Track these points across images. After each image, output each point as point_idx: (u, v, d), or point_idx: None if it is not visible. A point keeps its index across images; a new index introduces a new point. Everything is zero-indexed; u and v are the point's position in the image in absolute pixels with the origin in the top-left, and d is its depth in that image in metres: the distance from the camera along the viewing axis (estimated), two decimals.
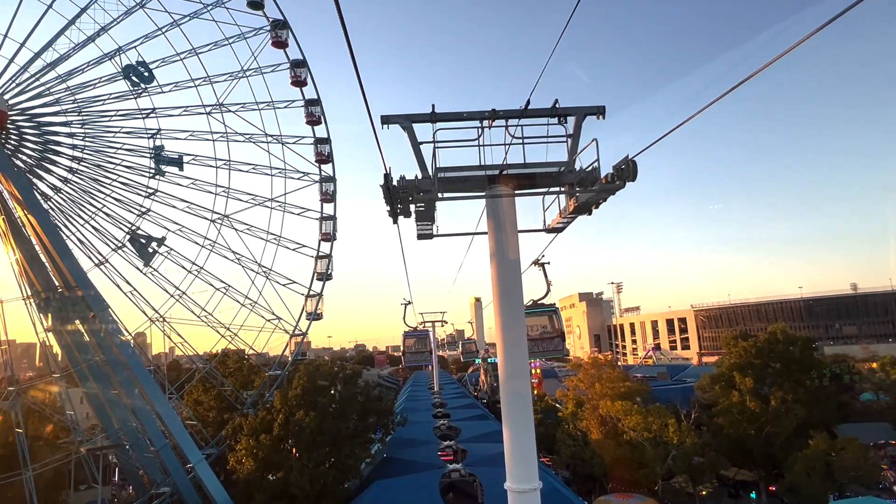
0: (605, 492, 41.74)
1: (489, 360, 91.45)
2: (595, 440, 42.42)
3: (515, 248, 11.55)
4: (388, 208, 11.74)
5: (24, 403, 36.03)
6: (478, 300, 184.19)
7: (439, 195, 10.93)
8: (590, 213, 12.60)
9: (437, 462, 33.68)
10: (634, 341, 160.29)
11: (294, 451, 33.11)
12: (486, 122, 11.47)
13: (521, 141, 11.36)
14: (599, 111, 11.61)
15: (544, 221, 13.80)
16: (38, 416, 40.15)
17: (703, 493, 41.17)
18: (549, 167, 11.47)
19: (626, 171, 10.38)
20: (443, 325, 63.33)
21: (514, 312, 11.41)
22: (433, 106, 11.39)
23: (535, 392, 60.39)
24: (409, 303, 46.21)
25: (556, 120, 11.63)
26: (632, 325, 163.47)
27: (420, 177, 11.21)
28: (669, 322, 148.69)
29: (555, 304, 15.53)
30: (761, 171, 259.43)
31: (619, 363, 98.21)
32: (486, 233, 12.33)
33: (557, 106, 11.56)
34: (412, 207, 11.97)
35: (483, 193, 11.56)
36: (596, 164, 10.83)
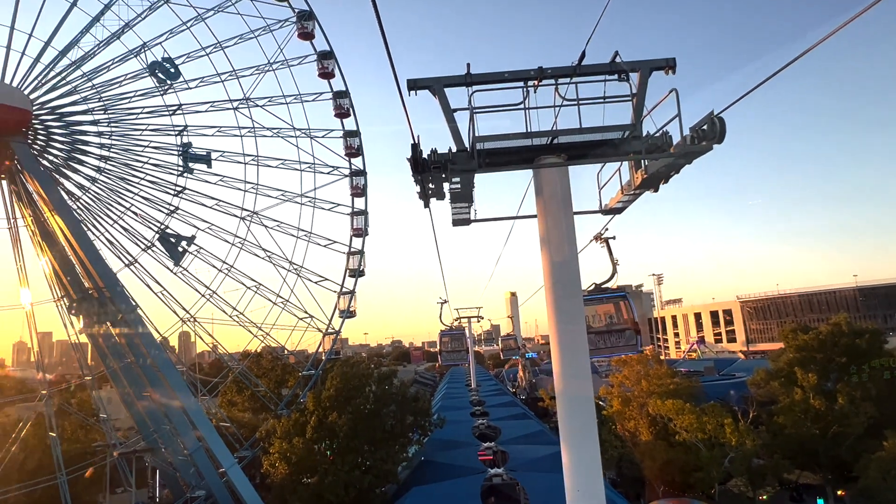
0: (656, 494, 39.37)
1: (527, 355, 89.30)
2: (645, 441, 40.00)
3: (571, 228, 9.66)
4: (419, 189, 9.97)
5: (60, 407, 35.86)
6: (513, 295, 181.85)
7: (479, 167, 9.07)
8: (656, 190, 10.59)
9: (477, 465, 31.99)
10: (677, 334, 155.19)
11: (328, 454, 31.88)
12: (531, 83, 9.56)
13: (574, 102, 9.40)
14: (669, 64, 9.46)
15: (600, 201, 11.81)
16: (74, 420, 40.03)
17: (763, 497, 38.37)
18: (611, 132, 9.47)
19: (712, 131, 8.36)
20: (479, 321, 61.71)
21: (570, 304, 9.50)
22: (468, 66, 9.50)
23: None
24: (445, 301, 44.92)
25: (615, 77, 9.65)
26: (674, 317, 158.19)
27: (455, 150, 9.43)
28: (713, 314, 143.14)
29: (624, 288, 13.12)
30: (808, 160, 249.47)
31: (662, 357, 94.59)
32: (533, 216, 10.49)
33: (618, 60, 9.57)
34: (446, 187, 10.19)
35: (531, 165, 9.66)
36: (675, 121, 8.76)
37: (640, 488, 42.41)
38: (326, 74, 43.95)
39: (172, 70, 39.62)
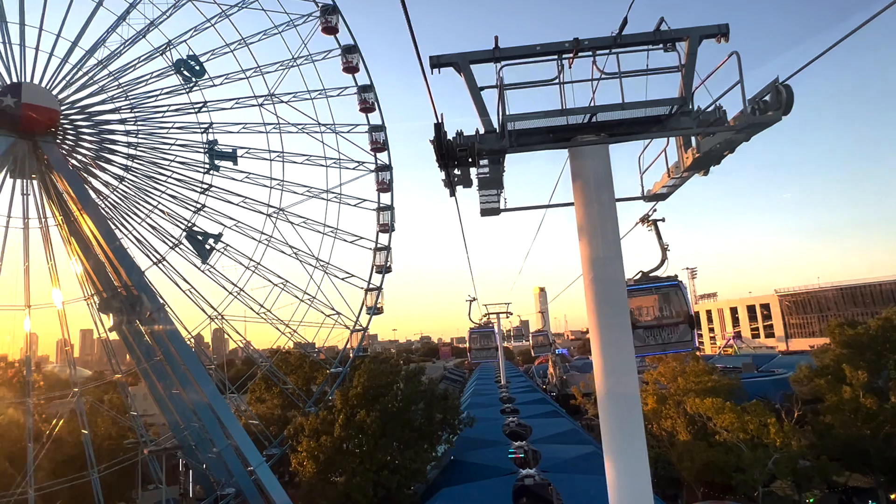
0: (695, 496, 37.95)
1: (557, 351, 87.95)
2: (683, 441, 38.52)
3: (612, 213, 8.77)
4: (444, 176, 9.15)
5: (93, 404, 36.17)
6: (542, 290, 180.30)
7: (509, 146, 8.21)
8: (706, 172, 9.60)
9: (508, 466, 31.14)
10: (712, 329, 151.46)
11: (357, 453, 31.40)
12: (566, 57, 8.62)
13: (615, 75, 8.42)
14: (721, 32, 8.44)
15: (642, 187, 10.87)
16: (107, 416, 40.46)
17: (810, 500, 36.56)
18: (656, 107, 8.48)
19: (776, 101, 7.35)
20: (507, 317, 60.72)
21: (613, 297, 8.59)
22: (496, 39, 8.64)
23: None
24: (474, 299, 44.15)
25: (660, 47, 8.65)
26: (708, 311, 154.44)
27: (482, 131, 8.57)
28: (750, 308, 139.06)
29: (677, 276, 11.41)
30: (846, 151, 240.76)
31: (697, 353, 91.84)
32: (570, 203, 9.57)
33: (663, 28, 8.56)
34: (473, 173, 9.34)
35: (567, 144, 8.74)
36: (727, 95, 7.78)
37: (677, 489, 40.97)
38: (351, 69, 43.55)
39: (197, 67, 39.60)
